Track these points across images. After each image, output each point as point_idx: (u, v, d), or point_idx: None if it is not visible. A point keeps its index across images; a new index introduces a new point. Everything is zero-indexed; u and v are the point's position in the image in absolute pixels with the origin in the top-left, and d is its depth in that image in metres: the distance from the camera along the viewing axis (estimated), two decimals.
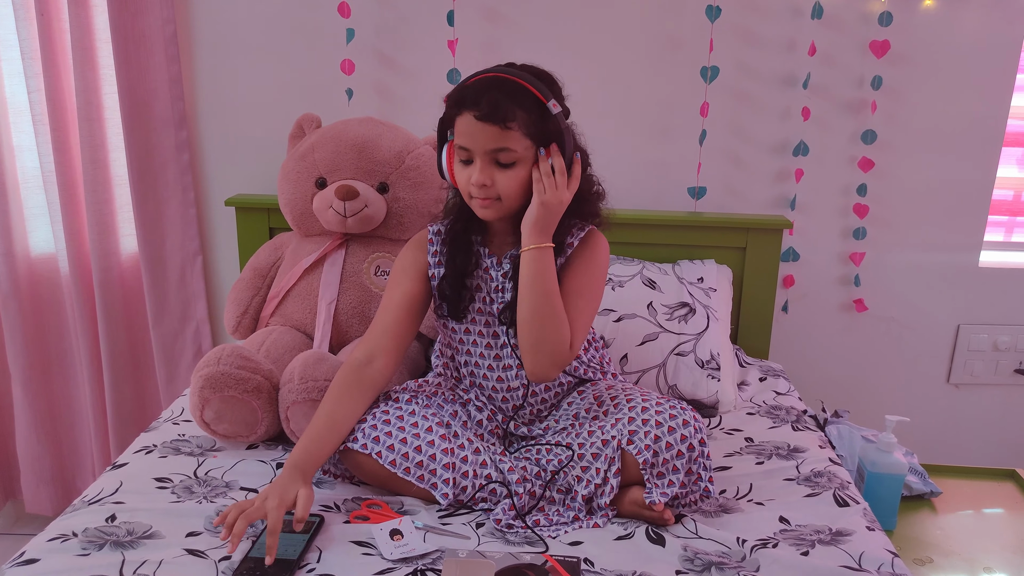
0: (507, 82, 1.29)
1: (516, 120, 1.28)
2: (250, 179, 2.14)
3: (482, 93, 1.28)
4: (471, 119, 1.28)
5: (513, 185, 1.32)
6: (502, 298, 1.44)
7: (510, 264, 1.42)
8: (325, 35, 2.02)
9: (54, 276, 2.17)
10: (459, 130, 1.32)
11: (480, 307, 1.46)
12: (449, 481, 1.33)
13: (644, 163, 2.09)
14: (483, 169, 1.31)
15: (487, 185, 1.31)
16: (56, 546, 1.19)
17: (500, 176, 1.32)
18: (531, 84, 1.30)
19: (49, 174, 2.05)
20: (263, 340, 1.71)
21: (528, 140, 1.30)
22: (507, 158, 1.30)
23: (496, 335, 1.46)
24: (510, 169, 1.31)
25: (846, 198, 2.10)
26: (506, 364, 1.46)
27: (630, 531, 1.28)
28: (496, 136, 1.28)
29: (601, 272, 1.44)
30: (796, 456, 1.54)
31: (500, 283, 1.44)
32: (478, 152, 1.31)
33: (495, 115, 1.27)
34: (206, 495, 1.35)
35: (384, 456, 1.33)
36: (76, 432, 2.29)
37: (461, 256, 1.44)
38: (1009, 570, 1.50)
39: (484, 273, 1.46)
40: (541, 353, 1.33)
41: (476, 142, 1.30)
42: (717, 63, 1.98)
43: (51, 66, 1.97)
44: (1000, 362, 2.21)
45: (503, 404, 1.49)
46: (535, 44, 2.01)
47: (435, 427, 1.37)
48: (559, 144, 1.31)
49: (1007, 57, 1.98)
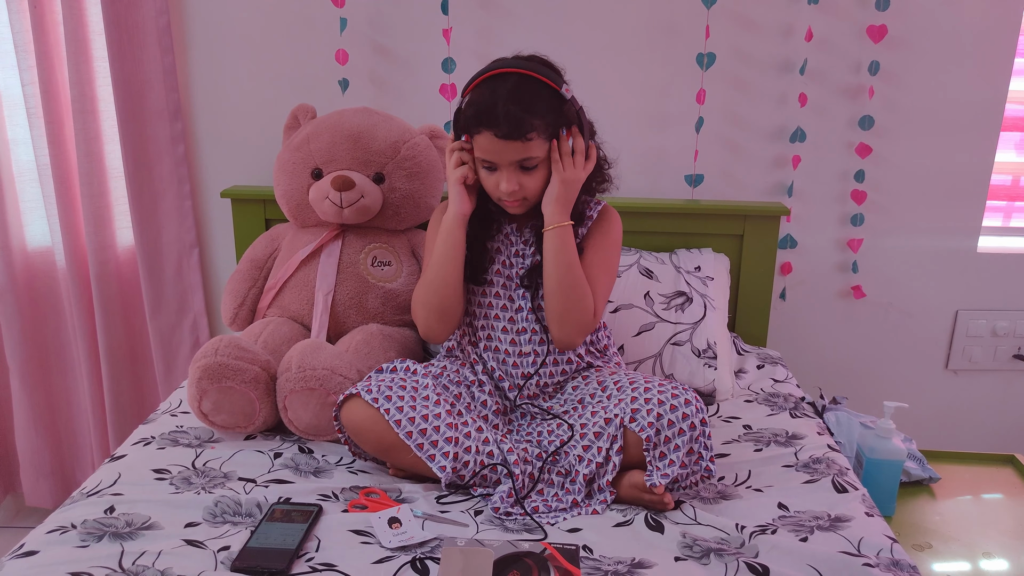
0: (521, 87, 1.33)
1: (535, 130, 1.34)
2: (246, 170, 2.13)
3: (500, 111, 1.32)
4: (492, 137, 1.34)
5: (539, 184, 1.41)
6: (522, 263, 1.51)
7: (532, 234, 1.50)
8: (319, 25, 2.01)
9: (50, 269, 2.16)
10: (481, 145, 1.38)
11: (499, 269, 1.52)
12: (449, 455, 1.34)
13: (640, 151, 2.08)
14: (510, 178, 1.38)
15: (516, 190, 1.39)
16: (55, 538, 1.19)
17: (526, 179, 1.39)
18: (545, 76, 1.34)
19: (44, 167, 2.04)
20: (260, 331, 1.70)
21: (547, 141, 1.37)
22: (531, 163, 1.38)
23: (512, 299, 1.51)
24: (535, 171, 1.39)
25: (844, 184, 2.09)
26: (520, 328, 1.51)
27: (629, 518, 1.28)
28: (519, 149, 1.35)
29: (617, 246, 1.54)
30: (794, 443, 1.54)
31: (520, 248, 1.52)
32: (503, 164, 1.37)
33: (516, 132, 1.32)
34: (204, 486, 1.35)
35: (391, 414, 1.35)
36: (75, 425, 2.29)
37: (482, 225, 1.51)
38: (1008, 555, 1.50)
39: (504, 238, 1.53)
40: (568, 322, 1.43)
41: (500, 157, 1.37)
42: (713, 49, 1.97)
43: (45, 58, 1.96)
44: (999, 348, 2.21)
45: (513, 370, 1.51)
46: (530, 32, 2.00)
47: (443, 402, 1.40)
48: (577, 127, 1.39)
49: (1005, 41, 1.97)
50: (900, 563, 1.17)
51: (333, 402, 1.47)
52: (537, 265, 1.48)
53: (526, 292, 1.51)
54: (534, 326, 1.51)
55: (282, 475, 1.41)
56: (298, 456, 1.48)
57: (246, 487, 1.35)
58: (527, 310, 1.51)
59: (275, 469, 1.43)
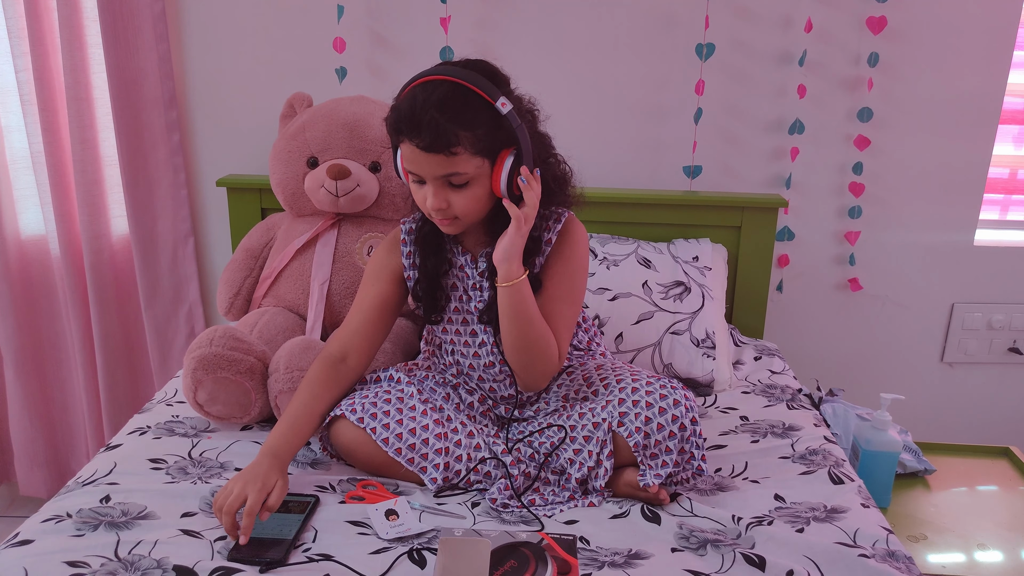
0: (449, 97, 1.20)
1: (461, 143, 1.21)
2: (241, 159, 2.12)
3: (421, 119, 1.20)
4: (414, 149, 1.23)
5: (470, 204, 1.28)
6: (480, 297, 1.42)
7: (486, 263, 1.39)
8: (316, 13, 1.99)
9: (45, 258, 2.15)
10: (405, 155, 1.26)
11: (457, 306, 1.44)
12: (440, 466, 1.32)
13: (639, 142, 2.08)
14: (436, 193, 1.26)
15: (444, 207, 1.27)
16: (50, 527, 1.18)
17: (455, 197, 1.27)
18: (479, 86, 1.21)
19: (38, 155, 2.03)
20: (256, 321, 1.70)
21: (478, 158, 1.24)
22: (459, 180, 1.25)
23: (475, 333, 1.44)
24: (465, 189, 1.26)
25: (842, 177, 2.09)
26: (487, 362, 1.44)
27: (625, 510, 1.28)
28: (443, 163, 1.23)
29: (582, 267, 1.41)
30: (791, 434, 1.54)
31: (477, 281, 1.42)
32: (428, 178, 1.26)
33: (438, 143, 1.20)
34: (200, 476, 1.34)
35: (378, 432, 1.33)
36: (69, 414, 2.28)
37: (433, 259, 1.42)
38: (1003, 547, 1.50)
39: (459, 271, 1.43)
40: (531, 373, 1.35)
41: (423, 169, 1.25)
42: (712, 40, 1.97)
43: (38, 46, 1.94)
44: (994, 341, 2.21)
45: (491, 394, 1.48)
46: (527, 21, 1.99)
47: (429, 411, 1.37)
48: (517, 144, 1.25)
49: (1004, 34, 1.97)
50: (896, 554, 1.17)
51: None
52: (491, 302, 1.37)
53: (487, 328, 1.41)
54: (502, 358, 1.40)
55: None
56: None
57: None
58: (490, 345, 1.42)
59: None
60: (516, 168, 1.25)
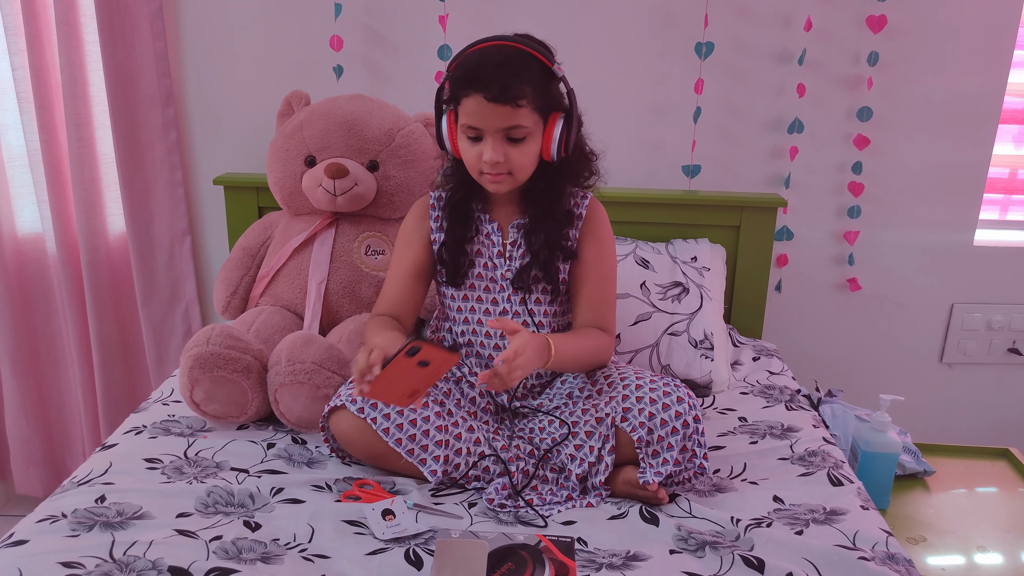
0: (512, 57, 1.29)
1: (526, 97, 1.29)
2: (238, 157, 2.11)
3: (490, 73, 1.27)
4: (481, 100, 1.28)
5: (525, 159, 1.35)
6: (507, 265, 1.46)
7: (519, 235, 1.45)
8: (313, 10, 1.99)
9: (41, 256, 2.14)
10: (467, 110, 1.31)
11: (480, 272, 1.47)
12: (440, 458, 1.32)
13: (638, 141, 2.07)
14: (495, 147, 1.32)
15: (501, 161, 1.33)
16: (45, 527, 1.17)
17: (512, 151, 1.33)
18: (538, 51, 1.31)
19: (35, 152, 2.02)
20: (253, 320, 1.69)
21: (536, 114, 1.32)
22: (519, 134, 1.32)
23: (496, 302, 1.47)
24: (521, 144, 1.33)
25: (841, 176, 2.08)
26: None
27: (624, 510, 1.28)
28: (508, 115, 1.29)
29: (613, 245, 1.50)
30: (790, 436, 1.53)
31: (503, 249, 1.46)
32: (489, 131, 1.31)
33: (506, 95, 1.27)
34: (196, 475, 1.33)
35: (379, 423, 1.33)
36: (66, 413, 2.27)
37: (460, 225, 1.46)
38: (1003, 549, 1.50)
39: (485, 239, 1.47)
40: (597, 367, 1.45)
41: (487, 122, 1.30)
42: (712, 39, 1.96)
43: (35, 43, 1.93)
44: (993, 341, 2.21)
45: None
46: (526, 19, 1.98)
47: (430, 403, 1.37)
48: (568, 109, 1.35)
49: (1004, 33, 1.96)
50: (896, 556, 1.16)
51: (323, 395, 1.46)
52: (526, 266, 1.43)
53: (513, 294, 1.45)
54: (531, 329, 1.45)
55: (275, 465, 1.39)
56: (291, 446, 1.47)
57: (238, 477, 1.34)
58: (511, 314, 1.46)
59: (268, 459, 1.41)
60: (565, 132, 1.35)
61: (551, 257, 1.42)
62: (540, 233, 1.42)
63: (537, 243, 1.42)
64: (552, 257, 1.42)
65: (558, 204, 1.43)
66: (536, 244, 1.42)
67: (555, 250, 1.42)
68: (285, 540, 1.18)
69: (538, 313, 1.46)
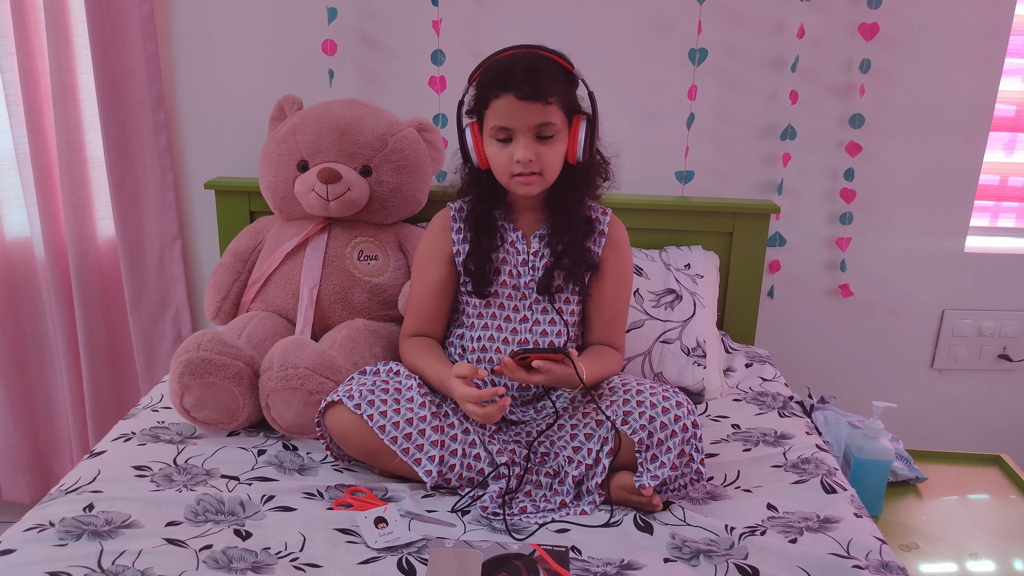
0: (538, 59, 1.36)
1: (555, 95, 1.35)
2: (230, 162, 2.09)
3: (520, 73, 1.33)
4: (512, 99, 1.33)
5: (555, 158, 1.40)
6: (532, 274, 1.49)
7: (541, 243, 1.49)
8: (306, 14, 1.98)
9: (29, 260, 2.12)
10: (497, 112, 1.36)
11: (505, 280, 1.49)
12: (435, 459, 1.32)
13: (631, 147, 2.06)
14: (527, 145, 1.36)
15: (533, 160, 1.36)
16: (32, 536, 1.16)
17: (543, 150, 1.38)
18: (560, 57, 1.38)
19: (23, 156, 2.00)
20: (244, 326, 1.68)
21: (563, 114, 1.38)
22: (549, 131, 1.37)
23: (517, 309, 1.49)
24: (551, 142, 1.38)
25: (833, 182, 2.09)
26: (522, 339, 1.48)
27: (618, 519, 1.27)
28: (539, 112, 1.34)
29: (632, 266, 1.59)
30: (783, 443, 1.53)
31: (527, 258, 1.50)
32: (521, 130, 1.36)
33: (537, 93, 1.33)
34: (186, 483, 1.32)
35: (375, 420, 1.32)
36: (53, 419, 2.25)
37: (486, 235, 1.49)
38: (995, 555, 1.50)
39: (510, 247, 1.50)
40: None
41: (519, 120, 1.35)
42: (705, 45, 1.96)
43: (24, 45, 1.92)
44: (984, 347, 2.21)
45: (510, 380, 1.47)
46: (520, 25, 1.97)
47: (428, 404, 1.37)
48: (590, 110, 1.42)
49: (995, 41, 1.97)
50: (889, 565, 1.16)
51: (316, 401, 1.45)
52: (550, 269, 1.47)
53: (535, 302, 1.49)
54: (536, 339, 1.48)
55: (266, 472, 1.38)
56: (282, 453, 1.45)
57: (229, 485, 1.33)
58: (533, 321, 1.49)
59: (259, 466, 1.40)
60: (589, 135, 1.41)
61: (576, 261, 1.46)
62: (563, 235, 1.46)
63: (561, 246, 1.46)
64: (577, 261, 1.46)
65: (579, 209, 1.47)
66: (560, 247, 1.46)
67: (579, 252, 1.46)
68: (276, 549, 1.17)
69: (566, 312, 1.49)
